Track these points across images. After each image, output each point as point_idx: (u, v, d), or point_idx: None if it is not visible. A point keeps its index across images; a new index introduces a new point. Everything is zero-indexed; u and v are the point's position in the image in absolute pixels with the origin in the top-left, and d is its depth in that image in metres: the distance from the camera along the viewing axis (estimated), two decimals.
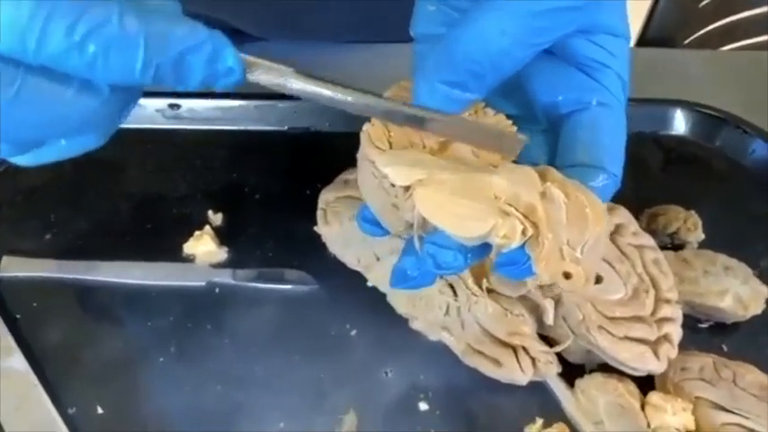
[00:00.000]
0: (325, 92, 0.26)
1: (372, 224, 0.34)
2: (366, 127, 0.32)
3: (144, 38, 0.22)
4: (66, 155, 0.26)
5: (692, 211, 0.48)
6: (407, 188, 0.30)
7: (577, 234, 0.27)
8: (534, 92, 0.33)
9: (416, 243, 0.31)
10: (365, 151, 0.31)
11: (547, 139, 0.33)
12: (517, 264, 0.29)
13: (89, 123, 0.25)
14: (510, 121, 0.32)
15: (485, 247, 0.30)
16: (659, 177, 0.53)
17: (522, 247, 0.28)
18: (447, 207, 0.28)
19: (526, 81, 0.33)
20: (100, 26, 0.21)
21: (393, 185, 0.30)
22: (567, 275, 0.27)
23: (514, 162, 0.31)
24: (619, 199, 0.44)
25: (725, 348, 0.43)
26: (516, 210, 0.28)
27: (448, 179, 0.29)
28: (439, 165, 0.30)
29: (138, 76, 0.23)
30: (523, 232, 0.28)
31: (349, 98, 0.27)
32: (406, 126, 0.30)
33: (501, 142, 0.31)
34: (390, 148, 0.31)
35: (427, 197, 0.29)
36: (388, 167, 0.30)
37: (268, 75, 0.26)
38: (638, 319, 0.39)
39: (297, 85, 0.26)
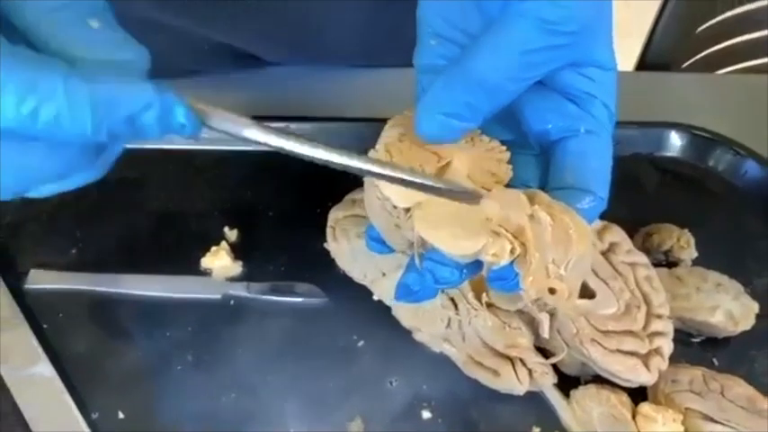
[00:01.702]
0: (283, 145, 0.26)
1: (378, 242, 0.36)
2: (371, 153, 0.34)
3: (90, 105, 0.23)
4: (70, 187, 0.27)
5: (686, 230, 0.49)
6: (408, 210, 0.32)
7: (562, 253, 0.29)
8: (526, 120, 0.34)
9: (417, 260, 0.33)
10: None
11: (539, 163, 0.35)
12: (506, 279, 0.31)
13: (73, 168, 0.26)
14: (504, 148, 0.34)
15: (478, 264, 0.32)
16: (655, 197, 0.54)
17: (511, 264, 0.30)
18: (443, 227, 0.30)
19: (519, 110, 0.34)
20: (47, 98, 0.22)
21: (395, 207, 0.32)
22: (551, 291, 0.29)
23: (507, 185, 0.33)
24: (615, 218, 0.45)
25: (716, 362, 0.45)
26: (506, 230, 0.30)
27: (444, 202, 0.31)
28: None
29: (92, 137, 0.24)
30: (512, 251, 0.30)
31: (306, 153, 0.26)
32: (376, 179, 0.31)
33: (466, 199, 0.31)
34: None
35: (425, 218, 0.31)
36: (390, 191, 0.32)
37: (226, 125, 0.26)
38: (630, 333, 0.40)
39: (252, 135, 0.26)
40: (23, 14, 0.24)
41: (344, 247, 0.46)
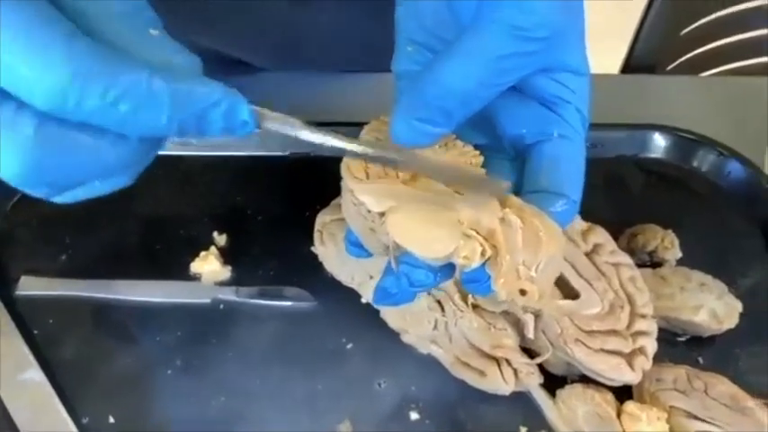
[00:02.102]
0: (329, 141, 0.28)
1: (357, 246, 0.37)
2: (345, 160, 0.34)
3: (168, 98, 0.24)
4: (99, 193, 0.27)
5: (670, 230, 0.49)
6: (382, 214, 0.32)
7: (532, 255, 0.30)
8: (501, 124, 0.35)
9: (392, 263, 0.33)
10: (345, 181, 0.34)
11: (513, 166, 0.35)
12: (479, 282, 0.31)
13: (121, 168, 0.27)
14: (477, 152, 0.35)
15: (452, 267, 0.32)
16: (639, 198, 0.54)
17: (483, 266, 0.31)
18: (415, 231, 0.31)
19: (493, 114, 0.35)
20: (130, 89, 0.24)
21: (369, 211, 0.33)
22: (522, 292, 0.30)
23: None
24: (600, 219, 0.46)
25: (701, 361, 0.45)
26: (477, 233, 0.31)
27: (417, 206, 0.31)
28: (410, 193, 0.32)
29: (163, 131, 0.25)
30: (483, 254, 0.30)
31: (348, 147, 0.29)
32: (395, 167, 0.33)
33: (485, 186, 0.33)
34: (368, 178, 0.33)
35: (398, 223, 0.31)
36: (364, 196, 0.32)
37: (278, 125, 0.28)
38: (614, 332, 0.41)
39: (304, 135, 0.28)
40: (87, 21, 0.25)
41: (332, 250, 0.47)
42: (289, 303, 0.48)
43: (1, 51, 0.22)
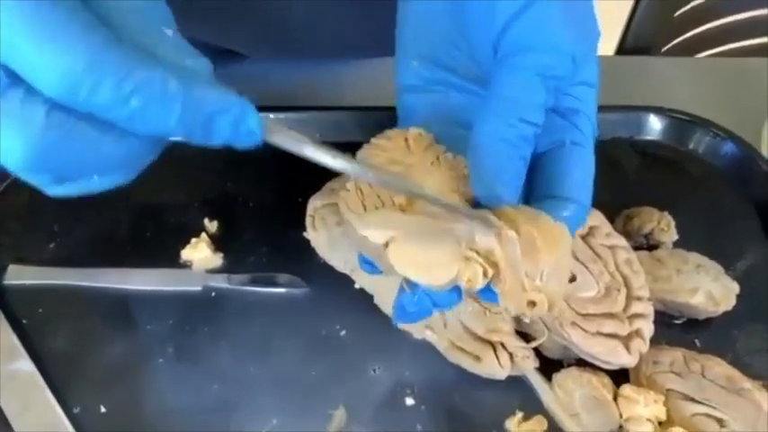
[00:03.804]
0: (333, 162, 0.28)
1: (370, 264, 0.36)
2: (342, 194, 0.35)
3: (181, 99, 0.24)
4: (96, 189, 0.27)
5: (666, 213, 0.49)
6: (385, 245, 0.32)
7: (532, 265, 0.30)
8: None
9: (405, 287, 0.33)
10: (344, 215, 0.34)
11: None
12: (491, 296, 0.32)
13: (121, 164, 0.26)
14: (466, 163, 0.35)
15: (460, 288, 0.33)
16: (636, 180, 0.54)
17: (489, 285, 0.31)
18: (416, 259, 0.31)
19: None
20: (144, 85, 0.23)
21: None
22: (531, 303, 0.30)
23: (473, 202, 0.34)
24: (596, 202, 0.45)
25: (698, 343, 0.45)
26: (477, 253, 0.31)
27: (416, 233, 0.32)
28: (407, 220, 0.33)
29: (170, 132, 0.25)
30: (485, 274, 0.30)
31: (351, 169, 0.29)
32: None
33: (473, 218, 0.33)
34: (365, 209, 0.34)
35: (399, 254, 0.32)
36: (364, 230, 0.33)
37: (284, 139, 0.27)
38: (610, 315, 0.41)
39: (309, 152, 0.28)
40: (103, 13, 0.24)
41: (323, 235, 0.46)
42: (281, 290, 0.47)
43: (17, 35, 0.22)
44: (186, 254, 0.49)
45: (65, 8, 0.23)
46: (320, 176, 0.49)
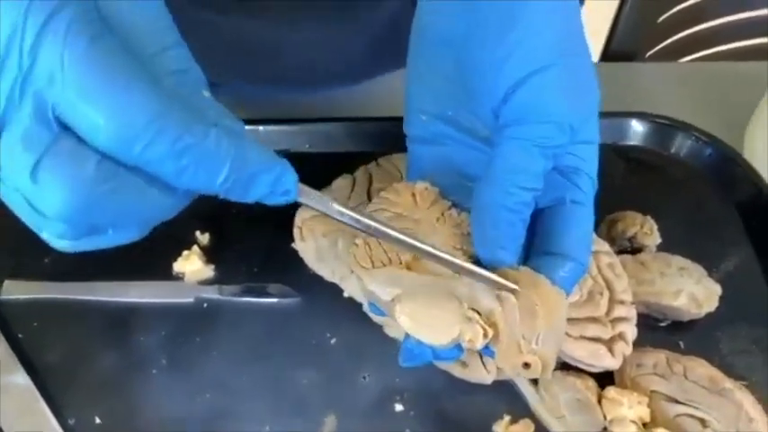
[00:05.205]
0: (359, 223, 0.31)
1: (379, 309, 0.37)
2: (352, 249, 0.36)
3: (231, 157, 0.25)
4: (107, 245, 0.27)
5: (648, 216, 0.50)
6: (392, 300, 0.34)
7: (529, 329, 0.31)
8: None
9: (412, 339, 0.34)
10: (353, 269, 0.36)
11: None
12: (490, 353, 0.33)
13: (150, 218, 0.27)
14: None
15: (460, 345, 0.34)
16: (619, 185, 0.54)
17: (488, 344, 0.33)
18: (421, 319, 0.33)
19: None
20: (199, 142, 0.24)
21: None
22: (526, 365, 0.32)
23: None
24: None
25: (682, 345, 0.45)
26: (477, 314, 0.32)
27: (420, 291, 0.33)
28: (413, 279, 0.34)
29: (215, 188, 0.25)
30: (485, 335, 0.32)
31: (372, 225, 0.31)
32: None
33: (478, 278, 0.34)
34: (372, 264, 0.35)
35: (405, 314, 0.33)
36: (372, 285, 0.35)
37: (314, 201, 0.29)
38: (593, 319, 0.41)
39: (336, 214, 0.30)
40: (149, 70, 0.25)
41: (311, 246, 0.47)
42: (272, 300, 0.48)
43: (76, 91, 0.22)
44: (178, 266, 0.49)
45: (129, 67, 0.23)
46: (309, 187, 0.50)
